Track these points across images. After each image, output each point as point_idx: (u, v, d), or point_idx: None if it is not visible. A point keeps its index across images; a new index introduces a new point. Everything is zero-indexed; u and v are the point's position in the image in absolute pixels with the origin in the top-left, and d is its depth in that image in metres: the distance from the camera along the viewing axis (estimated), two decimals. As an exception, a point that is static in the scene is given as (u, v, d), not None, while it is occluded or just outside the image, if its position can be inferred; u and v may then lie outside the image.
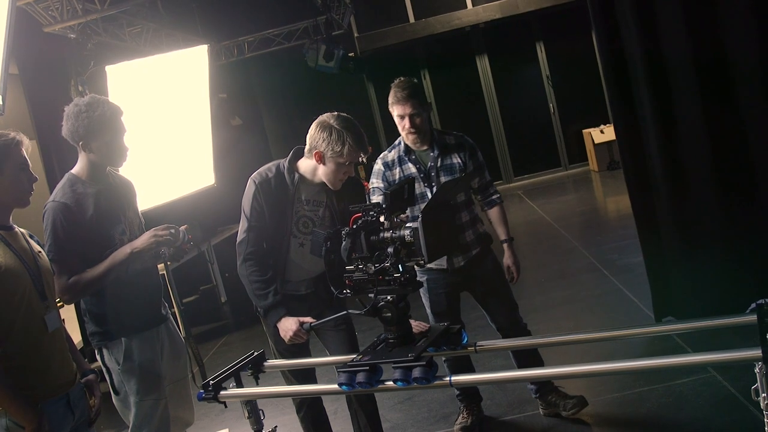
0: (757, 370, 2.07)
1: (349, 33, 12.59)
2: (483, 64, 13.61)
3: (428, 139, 3.90)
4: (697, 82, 4.55)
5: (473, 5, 13.02)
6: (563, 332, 4.04)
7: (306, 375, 3.57)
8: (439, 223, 2.60)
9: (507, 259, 4.08)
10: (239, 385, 2.88)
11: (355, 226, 2.63)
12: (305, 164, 3.37)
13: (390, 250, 2.56)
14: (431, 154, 3.90)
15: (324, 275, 3.39)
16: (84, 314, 3.29)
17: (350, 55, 11.69)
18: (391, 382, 2.50)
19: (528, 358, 3.99)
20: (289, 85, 12.82)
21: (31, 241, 2.88)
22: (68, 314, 3.03)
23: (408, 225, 2.58)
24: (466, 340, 2.77)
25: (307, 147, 3.33)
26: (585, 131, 13.05)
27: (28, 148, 2.83)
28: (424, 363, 2.44)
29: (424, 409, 4.55)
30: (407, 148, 3.90)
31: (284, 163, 3.40)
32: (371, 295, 2.64)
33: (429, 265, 3.54)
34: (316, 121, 3.29)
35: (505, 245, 4.11)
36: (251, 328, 7.88)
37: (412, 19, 13.19)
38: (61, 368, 2.85)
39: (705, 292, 4.73)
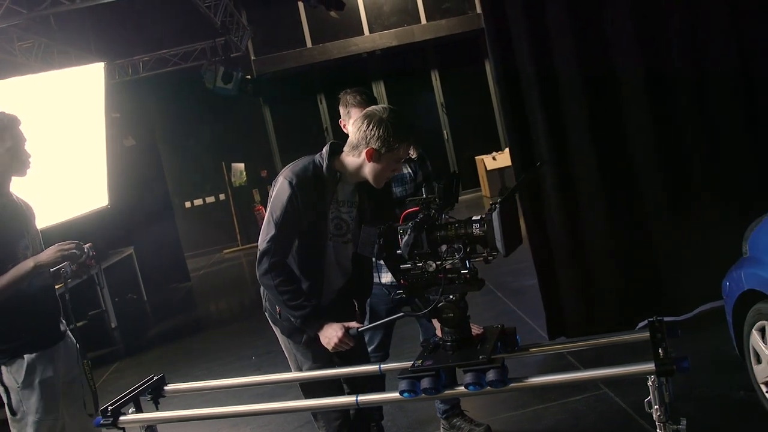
0: (650, 383, 2.18)
1: (247, 55, 12.56)
2: (379, 90, 13.80)
3: None
4: (587, 108, 4.79)
5: (370, 32, 13.23)
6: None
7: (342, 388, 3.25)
8: (509, 216, 2.46)
9: None
10: (139, 410, 2.80)
11: (417, 221, 2.47)
12: (349, 161, 3.00)
13: (458, 245, 2.44)
14: None
15: (346, 286, 3.18)
16: None
17: (247, 77, 11.65)
18: (462, 388, 2.38)
19: None
20: (184, 105, 12.65)
21: None
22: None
23: (474, 218, 2.45)
24: (520, 342, 2.66)
25: (353, 143, 2.96)
26: (477, 158, 13.38)
27: None
28: (499, 366, 2.32)
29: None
30: None
31: (321, 160, 3.01)
32: (428, 296, 2.50)
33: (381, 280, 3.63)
34: (364, 115, 2.95)
35: None
36: (143, 354, 7.68)
37: (309, 44, 13.26)
38: None
39: (595, 312, 4.94)
